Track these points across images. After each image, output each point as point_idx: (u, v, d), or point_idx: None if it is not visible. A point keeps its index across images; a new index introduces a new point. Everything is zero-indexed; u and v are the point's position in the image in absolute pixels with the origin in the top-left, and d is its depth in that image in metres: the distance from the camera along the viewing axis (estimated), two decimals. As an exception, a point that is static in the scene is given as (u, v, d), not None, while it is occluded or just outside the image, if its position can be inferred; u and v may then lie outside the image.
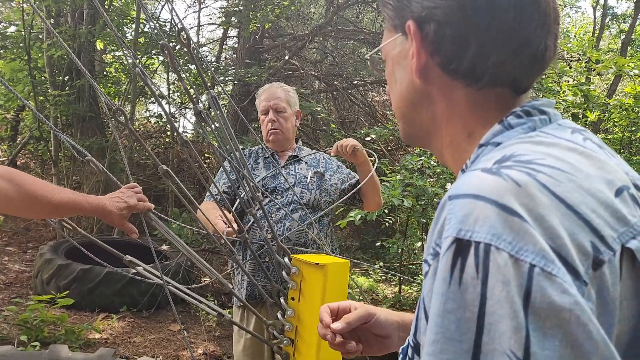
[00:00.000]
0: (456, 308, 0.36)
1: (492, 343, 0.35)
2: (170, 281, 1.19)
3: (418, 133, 0.57)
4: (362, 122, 6.82)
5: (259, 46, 6.16)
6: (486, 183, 0.39)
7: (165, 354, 3.01)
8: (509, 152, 0.43)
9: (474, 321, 0.36)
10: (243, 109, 5.40)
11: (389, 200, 3.13)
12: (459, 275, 0.37)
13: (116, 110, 1.16)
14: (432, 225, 0.42)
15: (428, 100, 0.53)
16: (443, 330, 0.37)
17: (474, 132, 0.51)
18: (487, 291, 0.35)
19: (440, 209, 0.41)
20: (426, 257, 0.42)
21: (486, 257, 0.36)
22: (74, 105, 5.03)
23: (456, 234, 0.38)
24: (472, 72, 0.49)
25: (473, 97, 0.51)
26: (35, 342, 2.73)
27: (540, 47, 0.49)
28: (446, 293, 0.37)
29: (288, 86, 1.90)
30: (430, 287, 0.40)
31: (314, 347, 1.21)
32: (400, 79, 0.56)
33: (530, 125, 0.48)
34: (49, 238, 5.10)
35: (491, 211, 0.37)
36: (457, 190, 0.40)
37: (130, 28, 5.45)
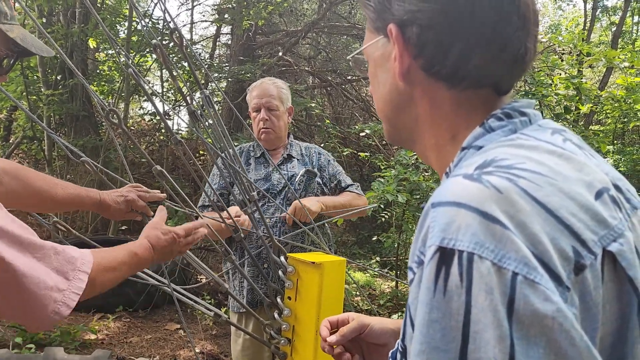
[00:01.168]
0: (441, 317, 0.36)
1: (478, 352, 0.35)
2: (176, 287, 1.18)
3: (402, 135, 0.57)
4: (357, 117, 6.82)
5: (252, 43, 6.13)
6: (467, 190, 0.39)
7: (162, 354, 3.01)
8: (489, 156, 0.44)
9: (459, 330, 0.36)
10: (237, 105, 5.37)
11: (383, 196, 3.13)
12: (443, 284, 0.37)
13: (109, 111, 1.15)
14: (416, 232, 0.42)
15: (411, 102, 0.53)
16: (428, 340, 0.37)
17: (457, 135, 0.51)
18: (472, 299, 0.36)
19: (424, 216, 0.41)
20: (411, 264, 0.42)
21: (469, 265, 0.36)
22: (67, 105, 4.99)
23: (439, 242, 0.38)
24: (454, 75, 0.50)
25: (456, 99, 0.51)
26: (30, 344, 2.72)
27: (520, 50, 0.49)
28: (430, 302, 0.37)
29: (280, 81, 1.85)
30: (415, 295, 0.40)
31: (311, 345, 1.21)
32: (383, 81, 0.55)
33: (510, 128, 0.48)
34: (44, 238, 5.07)
35: (473, 219, 0.37)
36: (439, 197, 0.40)
37: (123, 26, 5.41)
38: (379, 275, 5.08)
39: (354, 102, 6.73)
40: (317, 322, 1.19)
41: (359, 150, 5.49)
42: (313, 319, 1.21)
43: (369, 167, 5.84)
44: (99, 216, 5.20)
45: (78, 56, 5.12)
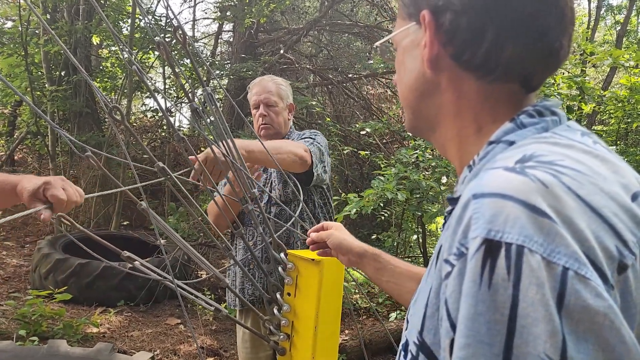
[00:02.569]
0: (486, 310, 0.36)
1: (525, 346, 0.34)
2: (179, 282, 1.20)
3: (423, 124, 0.57)
4: (357, 115, 6.83)
5: (254, 40, 6.14)
6: (513, 182, 0.38)
7: (163, 348, 3.04)
8: (528, 151, 0.42)
9: (504, 324, 0.35)
10: (238, 103, 5.39)
11: (383, 194, 3.15)
12: (488, 277, 0.36)
13: (112, 108, 1.17)
14: (453, 223, 0.41)
15: (437, 91, 0.53)
16: (474, 334, 0.36)
17: (482, 128, 0.50)
18: (520, 293, 0.35)
19: (464, 208, 0.40)
20: (447, 257, 0.41)
21: (519, 258, 0.35)
22: (71, 101, 5.02)
23: (485, 234, 0.37)
24: (485, 64, 0.48)
25: (484, 91, 0.50)
26: (33, 336, 2.75)
27: (556, 44, 0.48)
28: (476, 295, 0.36)
29: (280, 79, 1.85)
30: (455, 289, 0.39)
31: (310, 341, 1.23)
32: (410, 69, 0.55)
33: (543, 126, 0.47)
34: (47, 232, 5.11)
35: (521, 212, 0.36)
36: (481, 188, 0.39)
37: (126, 23, 5.43)
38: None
39: (355, 100, 6.73)
40: (316, 319, 1.21)
41: (359, 148, 5.50)
42: (312, 315, 1.23)
43: (369, 165, 5.86)
44: (101, 212, 5.24)
45: (82, 52, 5.14)
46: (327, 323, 1.21)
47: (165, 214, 5.14)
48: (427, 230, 4.81)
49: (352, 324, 3.46)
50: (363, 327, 3.47)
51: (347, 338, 3.15)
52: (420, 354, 0.47)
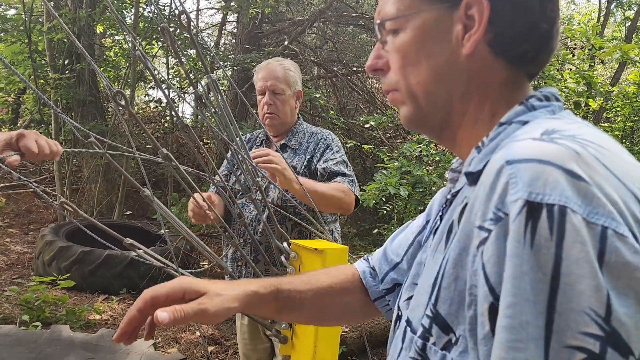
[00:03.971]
0: (529, 269, 0.37)
1: (569, 302, 0.36)
2: (183, 271, 1.21)
3: (437, 115, 0.55)
4: (361, 108, 6.81)
5: (258, 31, 6.11)
6: (547, 149, 0.40)
7: (164, 336, 3.06)
8: (550, 126, 0.44)
9: (547, 282, 0.36)
10: (242, 94, 5.38)
11: (385, 189, 3.15)
12: (530, 238, 0.37)
13: (116, 93, 1.17)
14: (483, 191, 0.42)
15: (466, 77, 0.52)
16: (521, 292, 0.37)
17: (497, 113, 0.52)
18: (563, 252, 0.36)
19: (497, 175, 0.41)
20: (482, 223, 0.41)
21: (562, 218, 0.37)
22: (74, 89, 5.01)
23: (527, 196, 0.38)
24: (523, 57, 0.51)
25: (508, 79, 0.52)
26: (36, 322, 2.77)
27: (556, 42, 0.51)
28: (521, 255, 0.37)
29: (288, 62, 1.72)
30: (494, 252, 0.40)
31: (312, 329, 1.23)
32: (434, 53, 0.53)
33: (552, 109, 0.49)
34: (50, 220, 5.14)
35: (559, 175, 0.38)
36: (514, 155, 0.40)
37: (129, 12, 5.41)
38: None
39: (359, 93, 6.71)
40: (318, 306, 1.22)
41: (362, 142, 5.49)
42: (313, 303, 1.23)
43: (372, 159, 5.85)
44: (104, 201, 5.25)
45: (85, 41, 5.13)
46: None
47: (167, 204, 5.15)
48: (429, 225, 4.80)
49: (353, 316, 3.46)
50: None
51: (347, 330, 3.16)
52: (433, 326, 0.47)
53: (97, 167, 5.23)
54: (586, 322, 0.35)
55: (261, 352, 1.70)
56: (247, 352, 1.72)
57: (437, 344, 0.47)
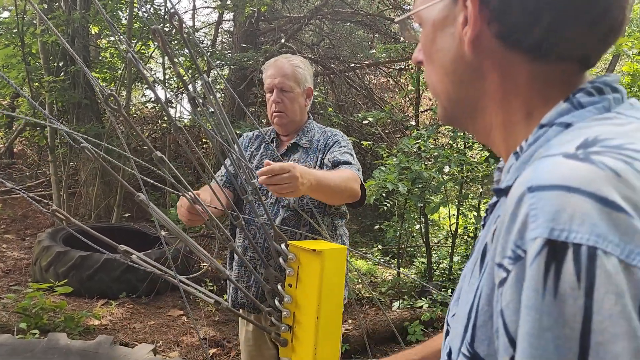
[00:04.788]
0: (553, 324, 0.31)
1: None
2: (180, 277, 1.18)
3: (461, 112, 0.50)
4: (360, 105, 6.77)
5: (254, 29, 6.07)
6: (578, 172, 0.33)
7: (165, 340, 3.04)
8: (591, 134, 0.37)
9: (576, 340, 0.30)
10: (239, 93, 5.34)
11: (384, 185, 3.12)
12: (553, 285, 0.31)
13: (109, 95, 1.13)
14: (505, 220, 0.36)
15: (478, 74, 0.47)
16: (540, 353, 0.31)
17: (533, 112, 0.45)
18: (594, 304, 0.30)
19: (517, 203, 0.34)
20: (501, 260, 0.35)
21: (591, 262, 0.30)
22: (69, 92, 4.97)
23: (548, 234, 0.32)
24: (539, 47, 0.43)
25: (533, 73, 0.44)
26: (34, 329, 2.74)
27: (618, 19, 0.42)
28: (540, 307, 0.31)
29: (298, 59, 1.66)
30: (512, 298, 0.34)
31: (312, 332, 1.21)
32: (443, 49, 0.48)
33: (604, 105, 0.41)
34: (47, 225, 5.11)
35: (590, 206, 0.31)
36: (538, 180, 0.34)
37: (124, 12, 5.36)
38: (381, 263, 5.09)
39: (357, 90, 6.68)
40: (318, 309, 1.19)
41: (361, 139, 5.46)
42: (314, 305, 1.20)
43: (371, 155, 5.82)
44: (102, 203, 5.22)
45: (80, 43, 5.09)
46: (329, 313, 1.19)
47: (166, 205, 5.12)
48: (430, 220, 4.79)
49: (355, 314, 3.45)
50: (366, 316, 3.46)
51: (350, 328, 3.14)
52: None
53: (94, 170, 5.20)
54: None
55: (267, 359, 1.67)
56: (252, 358, 1.69)
57: None
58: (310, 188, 1.27)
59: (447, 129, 5.01)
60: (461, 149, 3.99)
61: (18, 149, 6.86)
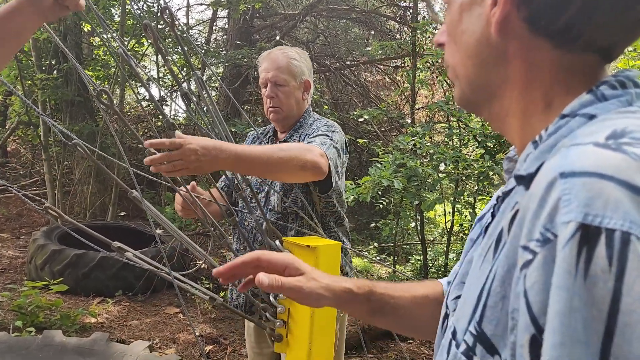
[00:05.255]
0: (582, 305, 0.32)
1: (628, 346, 0.31)
2: (176, 274, 1.18)
3: (480, 96, 0.50)
4: (356, 103, 6.78)
5: (249, 27, 6.06)
6: (611, 160, 0.34)
7: (162, 337, 3.04)
8: (619, 126, 0.38)
9: (603, 321, 0.32)
10: (234, 91, 5.33)
11: (379, 182, 3.13)
12: (584, 267, 0.32)
13: (100, 91, 1.13)
14: (531, 205, 0.37)
15: (503, 59, 0.46)
16: (570, 332, 0.32)
17: (553, 102, 0.45)
18: (623, 287, 0.31)
19: (548, 188, 0.36)
20: (527, 243, 0.36)
21: (623, 246, 0.32)
22: (62, 90, 4.95)
23: (582, 219, 0.33)
24: (566, 33, 0.43)
25: (558, 61, 0.44)
26: (30, 327, 2.74)
27: None
28: (572, 288, 0.32)
29: (293, 50, 1.57)
30: (538, 279, 0.35)
31: (307, 327, 1.21)
32: (468, 30, 0.48)
33: (627, 99, 0.42)
34: (42, 223, 5.08)
35: (623, 194, 0.32)
36: (570, 166, 0.35)
37: (117, 10, 5.33)
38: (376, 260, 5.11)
39: (353, 87, 6.68)
40: (312, 305, 1.20)
41: (357, 136, 5.47)
42: (308, 301, 1.22)
43: (367, 153, 5.83)
44: (97, 201, 5.20)
45: (72, 40, 5.05)
46: (324, 310, 1.19)
47: (162, 204, 5.11)
48: (425, 218, 4.80)
49: (351, 311, 3.45)
50: (361, 314, 3.47)
51: (346, 324, 3.15)
52: (477, 345, 0.43)
53: (88, 168, 5.17)
54: None
55: (267, 356, 1.67)
56: (253, 355, 1.69)
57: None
58: (227, 162, 1.12)
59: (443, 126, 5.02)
60: (457, 146, 4.00)
61: (11, 148, 6.82)
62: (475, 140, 3.97)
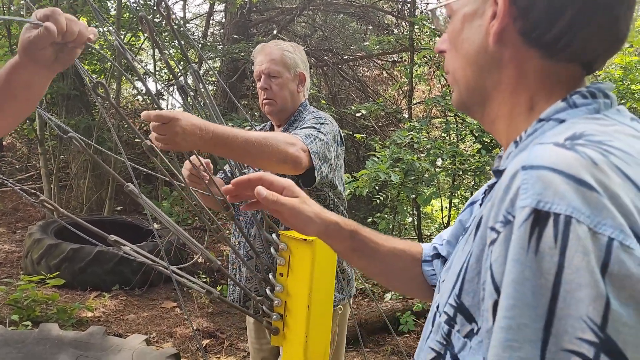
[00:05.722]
0: (532, 275, 0.38)
1: (568, 309, 0.37)
2: (174, 268, 1.18)
3: (475, 100, 0.56)
4: (353, 98, 6.76)
5: (246, 21, 6.03)
6: (563, 157, 0.40)
7: (159, 331, 3.05)
8: (578, 130, 0.44)
9: (549, 289, 0.38)
10: (231, 85, 5.31)
11: (376, 175, 3.13)
12: (535, 245, 0.39)
13: (96, 83, 1.12)
14: (500, 193, 0.43)
15: (497, 66, 0.52)
16: (521, 296, 0.39)
17: (535, 106, 0.51)
18: (565, 261, 0.37)
19: (511, 178, 0.42)
20: (494, 224, 0.43)
21: (566, 228, 0.38)
22: (58, 83, 4.91)
23: (535, 204, 0.39)
24: (554, 44, 0.49)
25: (545, 70, 0.50)
26: (27, 321, 2.74)
27: (624, 30, 0.49)
28: (524, 261, 0.39)
29: (287, 43, 1.57)
30: (500, 254, 0.41)
31: (303, 321, 1.22)
32: (469, 39, 0.54)
33: (595, 107, 0.48)
34: (38, 218, 5.07)
35: (570, 186, 0.39)
36: (531, 161, 0.41)
37: (113, 3, 5.29)
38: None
39: (350, 82, 6.66)
40: (309, 298, 1.20)
41: (355, 131, 5.46)
42: (305, 294, 1.22)
43: (365, 148, 5.83)
44: (94, 196, 5.19)
45: (68, 33, 5.01)
46: (320, 302, 1.20)
47: (159, 198, 5.10)
48: (422, 213, 4.82)
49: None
50: (358, 307, 3.49)
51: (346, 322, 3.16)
52: (457, 315, 0.50)
53: (84, 162, 5.15)
54: (583, 329, 0.37)
55: (266, 352, 1.67)
56: (253, 351, 1.70)
57: (460, 332, 0.50)
58: (204, 141, 1.09)
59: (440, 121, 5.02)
60: (454, 141, 4.01)
61: (7, 142, 6.78)
62: (472, 135, 3.98)
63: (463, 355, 0.49)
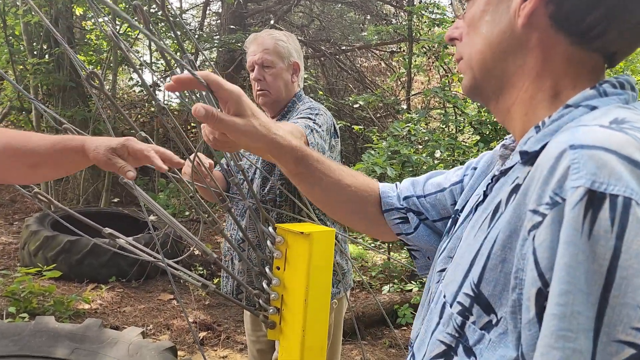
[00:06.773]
0: (584, 260, 0.36)
1: (623, 297, 0.35)
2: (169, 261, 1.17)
3: (492, 85, 0.54)
4: (351, 88, 6.73)
5: (243, 11, 5.96)
6: (614, 138, 0.39)
7: (156, 323, 3.05)
8: (620, 115, 0.43)
9: (602, 275, 0.36)
10: (228, 76, 5.27)
11: (372, 169, 3.11)
12: (589, 227, 0.37)
13: (90, 74, 1.10)
14: (541, 173, 0.41)
15: (523, 50, 0.51)
16: (574, 281, 0.37)
17: (560, 94, 0.50)
18: (623, 245, 0.36)
19: (557, 158, 0.40)
20: (536, 207, 0.40)
21: (625, 210, 0.36)
22: (54, 75, 4.86)
23: (590, 185, 0.37)
24: (587, 32, 0.47)
25: (572, 57, 0.49)
26: (23, 313, 2.73)
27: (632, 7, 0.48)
28: (578, 244, 0.37)
29: (280, 33, 1.54)
30: (547, 237, 0.39)
31: (300, 314, 1.21)
32: (494, 20, 0.52)
33: (625, 98, 0.48)
34: (35, 210, 5.05)
35: (625, 166, 0.37)
36: (579, 140, 0.39)
37: (108, -8, 5.21)
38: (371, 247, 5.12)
39: (348, 72, 6.62)
40: (306, 291, 1.19)
41: (352, 123, 5.43)
42: (302, 288, 1.21)
43: (362, 140, 5.81)
44: (90, 188, 5.17)
45: (63, 24, 4.96)
46: (317, 296, 1.19)
47: (155, 190, 5.08)
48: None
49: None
50: (356, 300, 3.49)
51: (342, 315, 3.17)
52: (474, 305, 0.47)
53: (81, 154, 5.11)
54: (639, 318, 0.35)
55: (263, 344, 1.67)
56: (250, 343, 1.70)
57: (476, 324, 0.47)
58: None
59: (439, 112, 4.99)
60: (452, 133, 3.99)
61: None
62: (471, 126, 3.96)
63: (479, 349, 0.46)
